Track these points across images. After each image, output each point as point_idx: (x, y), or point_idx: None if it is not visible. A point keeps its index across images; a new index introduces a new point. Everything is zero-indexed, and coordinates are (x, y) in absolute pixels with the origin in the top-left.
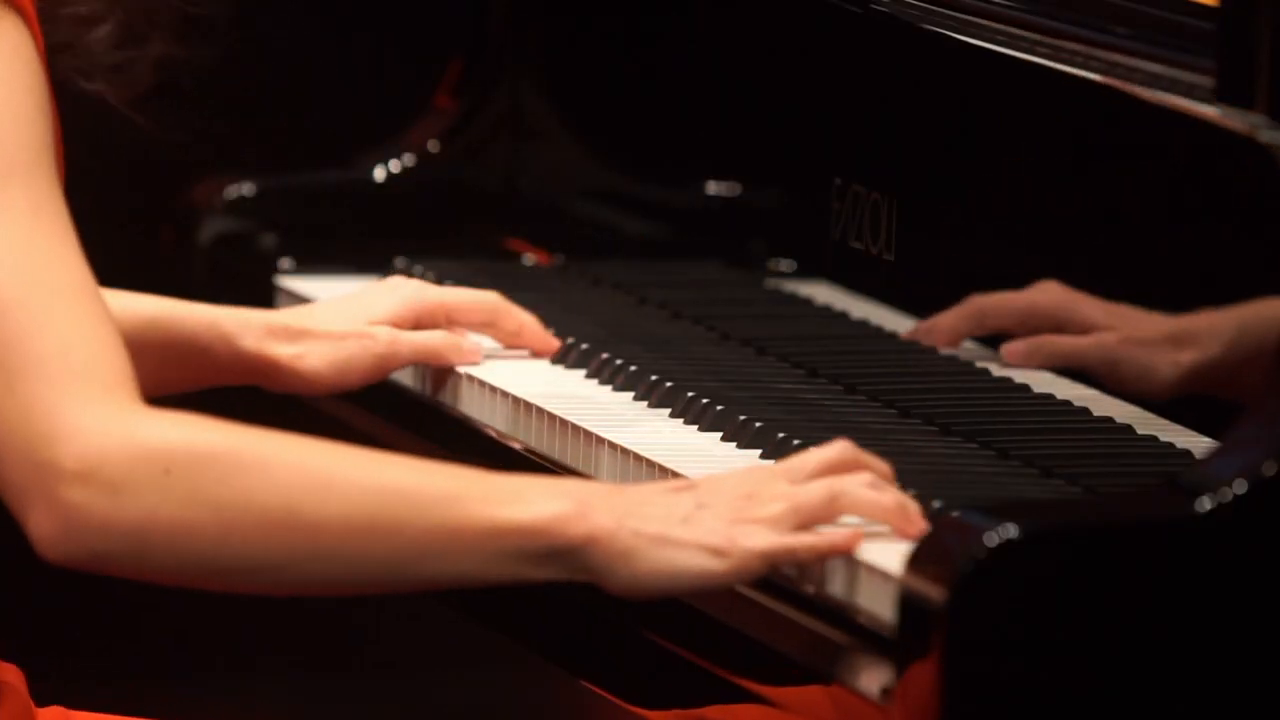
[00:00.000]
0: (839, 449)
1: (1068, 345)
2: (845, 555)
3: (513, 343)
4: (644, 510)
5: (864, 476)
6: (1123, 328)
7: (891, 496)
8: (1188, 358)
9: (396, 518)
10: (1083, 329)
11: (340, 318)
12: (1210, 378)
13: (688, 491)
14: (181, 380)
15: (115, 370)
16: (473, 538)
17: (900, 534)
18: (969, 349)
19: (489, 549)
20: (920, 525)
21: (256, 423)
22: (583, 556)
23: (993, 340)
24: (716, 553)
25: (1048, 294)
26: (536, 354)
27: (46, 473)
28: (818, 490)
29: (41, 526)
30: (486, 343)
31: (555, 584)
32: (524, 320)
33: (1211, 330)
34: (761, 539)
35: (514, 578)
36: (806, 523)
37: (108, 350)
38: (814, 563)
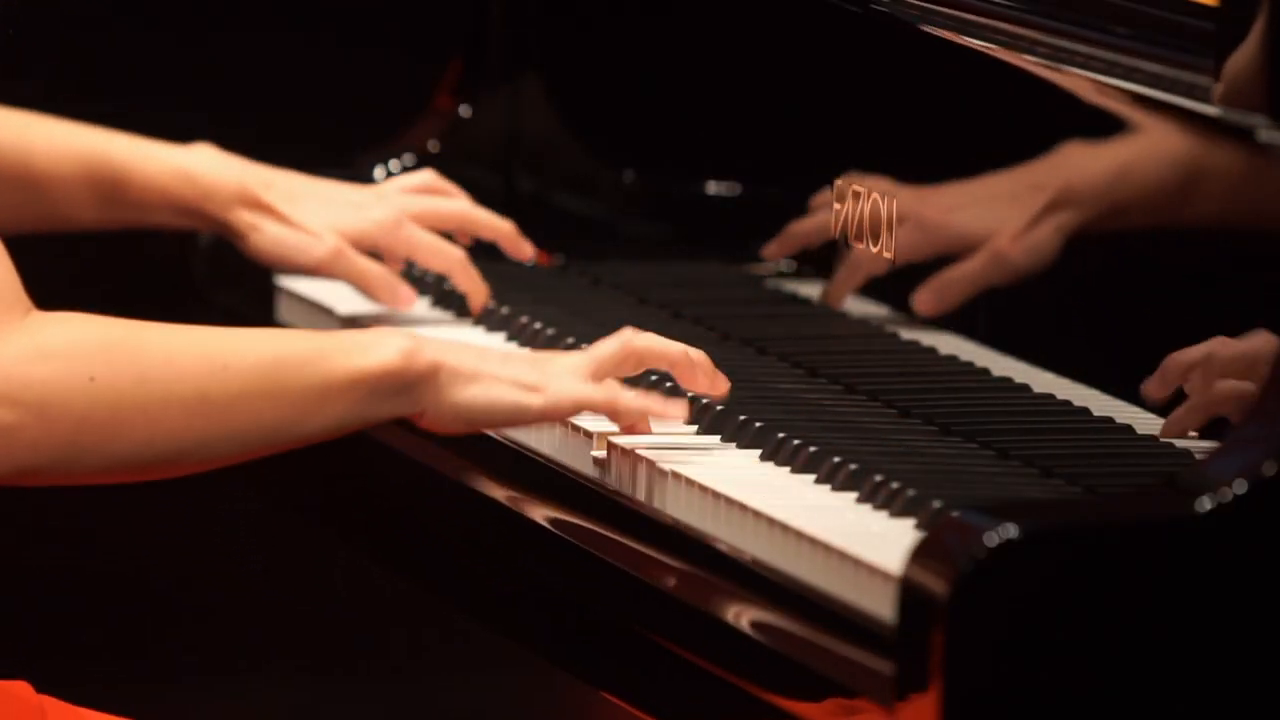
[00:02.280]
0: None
1: (963, 270)
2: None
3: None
4: (463, 350)
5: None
6: (992, 217)
7: (679, 348)
8: (1069, 216)
9: (282, 384)
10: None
11: (307, 210)
12: (1101, 225)
13: (493, 351)
14: (120, 219)
15: (9, 285)
16: (343, 388)
17: (687, 386)
18: (969, 349)
19: (355, 395)
20: (710, 376)
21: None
22: (423, 385)
23: (992, 339)
24: (530, 389)
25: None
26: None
27: None
28: (612, 344)
29: None
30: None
31: (558, 583)
32: (475, 279)
33: (1091, 186)
34: (571, 385)
35: (370, 418)
36: (605, 374)
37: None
38: (613, 413)
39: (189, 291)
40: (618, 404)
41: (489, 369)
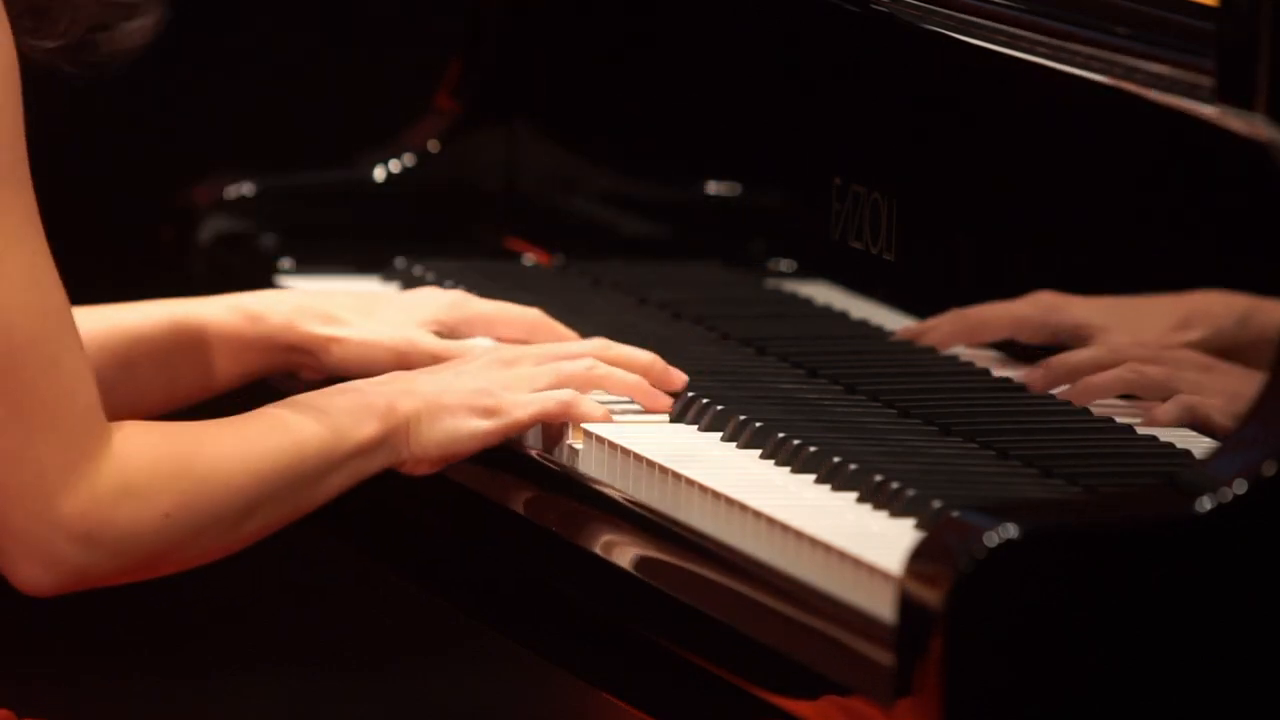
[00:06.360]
0: (600, 342)
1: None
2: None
3: None
4: (424, 386)
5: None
6: (1121, 328)
7: (634, 379)
8: (1194, 337)
9: (304, 478)
10: (1076, 334)
11: (375, 316)
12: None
13: (448, 367)
14: (207, 377)
15: (96, 404)
16: (344, 462)
17: (647, 408)
18: (969, 349)
19: (354, 464)
20: (662, 400)
21: None
22: (399, 436)
23: (993, 341)
24: (488, 412)
25: (1038, 304)
26: None
27: (48, 528)
28: (579, 364)
29: (37, 577)
30: None
31: (559, 583)
32: (564, 336)
33: (1211, 315)
34: (528, 401)
35: (366, 476)
36: (565, 386)
37: (91, 382)
38: (571, 419)
39: (189, 291)
40: (574, 413)
41: (449, 399)
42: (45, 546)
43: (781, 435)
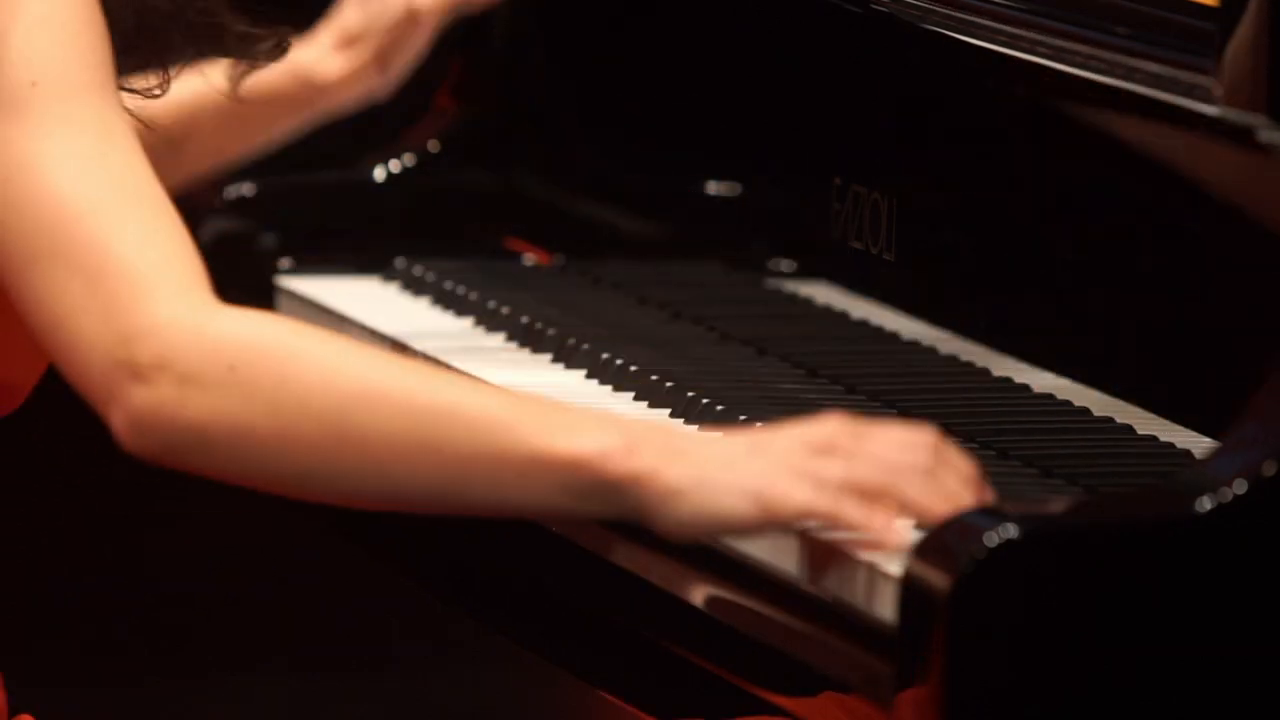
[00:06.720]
0: (924, 437)
1: None
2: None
3: None
4: (693, 451)
5: (926, 475)
6: None
7: (946, 508)
8: None
9: (444, 438)
10: None
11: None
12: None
13: (742, 437)
14: (263, 125)
15: (188, 270)
16: (518, 466)
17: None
18: (969, 349)
19: (533, 479)
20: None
21: None
22: (627, 495)
23: (992, 341)
24: (754, 498)
25: None
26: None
27: (123, 370)
28: (876, 475)
29: (118, 421)
30: (491, 344)
31: (560, 584)
32: None
33: None
34: (802, 495)
35: (557, 510)
36: (854, 495)
37: (180, 251)
38: (841, 528)
39: None
40: (840, 518)
41: (712, 475)
42: (118, 385)
43: None
